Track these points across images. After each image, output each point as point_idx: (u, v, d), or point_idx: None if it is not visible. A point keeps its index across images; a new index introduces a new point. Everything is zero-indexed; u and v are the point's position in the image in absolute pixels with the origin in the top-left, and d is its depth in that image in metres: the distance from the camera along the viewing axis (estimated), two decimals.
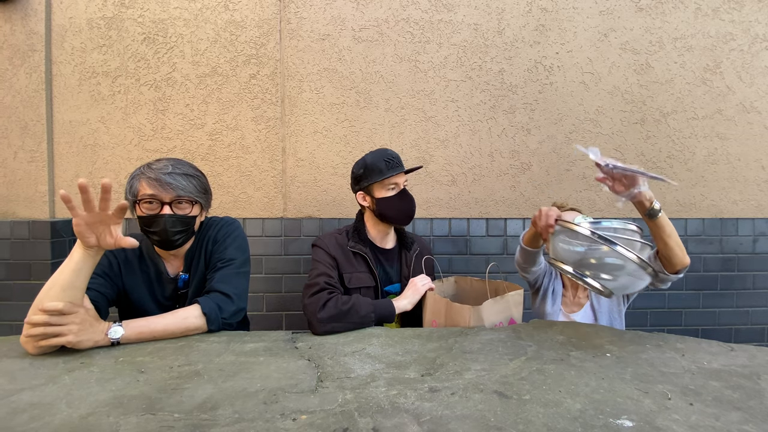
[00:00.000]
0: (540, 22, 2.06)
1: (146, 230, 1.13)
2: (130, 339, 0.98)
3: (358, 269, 1.34)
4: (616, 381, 0.77)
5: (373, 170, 1.34)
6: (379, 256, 1.41)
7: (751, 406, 0.68)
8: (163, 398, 0.71)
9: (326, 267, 1.29)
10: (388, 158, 1.35)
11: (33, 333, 0.88)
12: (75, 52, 1.97)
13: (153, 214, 1.11)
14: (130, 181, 1.13)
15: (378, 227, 1.42)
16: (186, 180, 1.14)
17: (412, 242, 1.49)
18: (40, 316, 0.87)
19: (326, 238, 1.37)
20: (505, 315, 1.21)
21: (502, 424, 0.62)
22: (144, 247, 1.20)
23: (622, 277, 0.94)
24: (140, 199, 1.10)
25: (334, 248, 1.34)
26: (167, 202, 1.11)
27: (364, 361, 0.88)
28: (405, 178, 1.39)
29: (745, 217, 2.16)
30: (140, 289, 1.17)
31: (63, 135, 1.99)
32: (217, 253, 1.20)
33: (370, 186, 1.36)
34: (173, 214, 1.12)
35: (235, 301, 1.11)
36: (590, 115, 2.09)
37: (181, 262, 1.22)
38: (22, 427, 0.63)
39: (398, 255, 1.46)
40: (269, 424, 0.63)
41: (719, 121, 2.13)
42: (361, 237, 1.38)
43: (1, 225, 1.89)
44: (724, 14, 2.10)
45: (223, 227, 1.25)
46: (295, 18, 2.00)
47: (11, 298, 1.88)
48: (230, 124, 2.00)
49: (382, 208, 1.35)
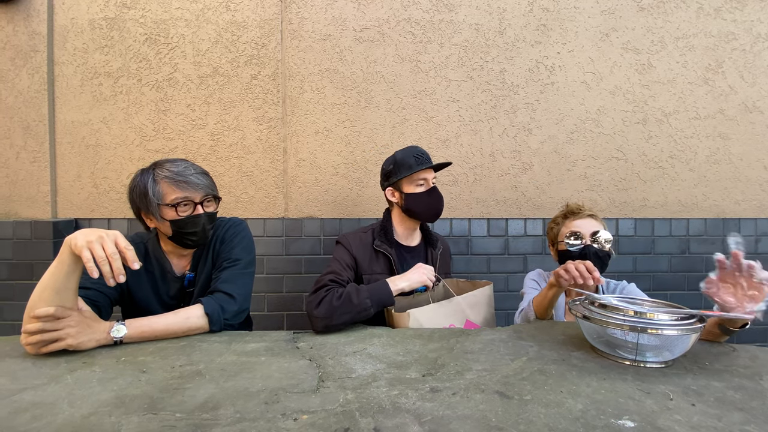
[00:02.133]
0: (541, 21, 2.05)
1: (181, 232, 1.12)
2: (133, 338, 0.98)
3: (377, 271, 1.34)
4: (618, 381, 0.76)
5: (403, 165, 1.36)
6: (405, 254, 1.42)
7: (753, 406, 0.68)
8: (164, 398, 0.71)
9: (340, 265, 1.28)
10: (417, 155, 1.37)
11: (31, 341, 0.87)
12: (77, 52, 1.98)
13: (191, 215, 1.11)
14: (149, 187, 1.09)
15: (405, 224, 1.42)
16: (206, 178, 1.16)
17: (437, 240, 1.50)
18: (34, 324, 0.86)
19: (350, 236, 1.38)
20: (458, 317, 1.19)
21: (504, 424, 0.62)
22: (150, 246, 1.20)
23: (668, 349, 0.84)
24: (175, 202, 1.09)
25: (357, 247, 1.34)
26: (198, 202, 1.12)
27: (366, 361, 0.88)
28: (434, 175, 1.39)
29: (747, 218, 2.15)
30: (144, 287, 1.17)
31: (65, 135, 1.99)
32: (223, 252, 1.20)
33: (399, 181, 1.37)
34: (207, 212, 1.13)
35: (238, 301, 1.11)
36: (592, 115, 2.09)
37: (188, 261, 1.23)
38: (24, 426, 0.63)
39: (424, 252, 1.47)
40: (270, 423, 0.63)
41: (721, 121, 2.12)
42: (387, 236, 1.39)
43: (4, 225, 1.89)
44: (726, 14, 2.10)
45: (231, 227, 1.26)
46: (296, 18, 2.00)
47: (13, 297, 1.88)
48: (232, 125, 2.00)
49: (410, 203, 1.36)
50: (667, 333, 0.80)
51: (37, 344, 0.87)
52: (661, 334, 0.80)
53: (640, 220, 2.12)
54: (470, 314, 1.21)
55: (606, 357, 0.88)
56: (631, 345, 0.83)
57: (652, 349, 0.83)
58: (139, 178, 1.12)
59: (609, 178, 2.11)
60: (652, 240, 2.11)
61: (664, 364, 0.84)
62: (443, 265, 1.48)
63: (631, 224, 2.11)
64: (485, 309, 1.25)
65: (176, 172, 1.10)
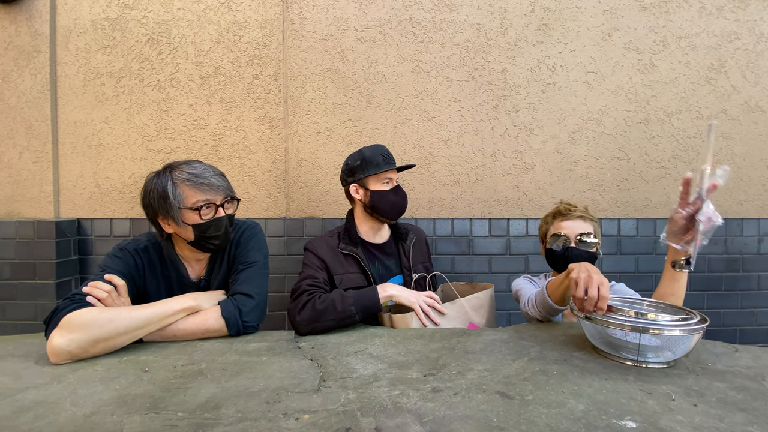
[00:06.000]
0: (543, 21, 2.05)
1: (203, 236, 1.09)
2: (154, 338, 1.00)
3: (349, 270, 1.34)
4: (620, 382, 0.76)
5: (371, 163, 1.35)
6: (375, 252, 1.42)
7: (755, 407, 0.67)
8: (166, 397, 0.72)
9: (313, 269, 1.29)
10: (384, 154, 1.38)
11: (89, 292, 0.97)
12: (79, 53, 1.98)
13: (214, 219, 1.09)
14: (169, 190, 1.06)
15: (369, 224, 1.42)
16: (224, 179, 1.14)
17: (407, 232, 1.49)
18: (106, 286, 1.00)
19: (316, 241, 1.38)
20: (461, 320, 1.19)
21: (505, 424, 0.62)
22: (165, 251, 1.18)
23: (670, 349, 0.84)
24: (197, 205, 1.07)
25: (324, 251, 1.34)
26: (219, 204, 1.10)
27: (367, 361, 0.88)
28: (398, 176, 1.41)
29: (749, 218, 2.14)
30: (160, 291, 1.16)
31: (68, 135, 2.00)
32: (239, 256, 1.20)
33: (365, 178, 1.36)
34: (228, 215, 1.12)
35: (256, 299, 1.11)
36: (594, 115, 2.08)
37: (204, 266, 1.22)
38: (27, 425, 0.63)
39: (395, 247, 1.47)
40: (272, 423, 0.63)
41: (724, 121, 2.11)
42: (351, 238, 1.38)
43: (6, 225, 1.90)
44: (729, 13, 2.09)
45: (246, 230, 1.25)
46: (297, 18, 2.00)
47: (16, 297, 1.89)
48: (233, 125, 2.01)
49: (376, 200, 1.36)
50: (668, 333, 0.80)
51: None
52: (662, 334, 0.80)
53: (643, 220, 2.11)
54: (473, 317, 1.21)
55: (608, 357, 0.88)
56: (632, 346, 0.83)
57: (654, 350, 0.83)
58: (156, 181, 1.09)
59: (611, 178, 2.10)
60: (654, 240, 2.11)
61: (666, 364, 0.84)
62: (418, 255, 1.47)
63: (633, 224, 2.11)
64: (487, 311, 1.25)
65: (196, 174, 1.07)
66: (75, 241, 1.99)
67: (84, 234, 2.01)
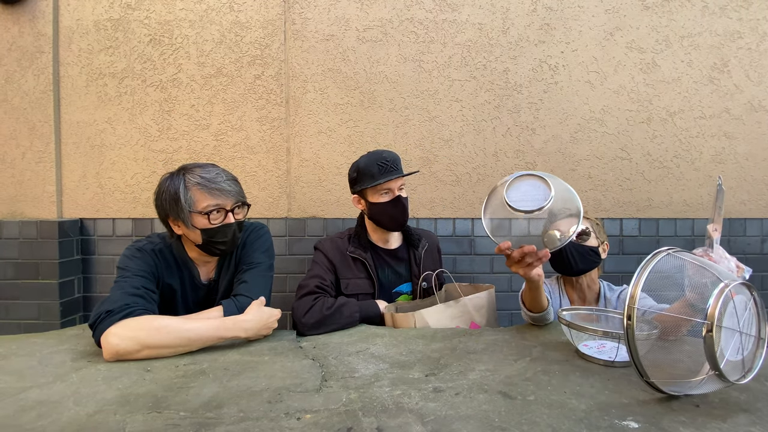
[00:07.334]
0: (545, 21, 2.05)
1: (211, 241, 1.09)
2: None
3: (357, 275, 1.33)
4: (622, 382, 0.76)
5: (366, 175, 1.31)
6: (386, 258, 1.40)
7: (758, 407, 0.67)
8: (169, 396, 0.72)
9: (322, 270, 1.29)
10: (382, 162, 1.30)
11: None
12: (82, 53, 1.99)
13: (223, 225, 1.08)
14: (180, 192, 1.06)
15: (377, 231, 1.41)
16: (236, 184, 1.13)
17: (419, 239, 1.45)
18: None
19: (327, 242, 1.38)
20: (463, 318, 1.19)
21: (507, 424, 0.62)
22: (176, 252, 1.17)
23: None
24: (207, 210, 1.06)
25: (333, 253, 1.34)
26: (229, 210, 1.10)
27: (368, 361, 0.88)
28: (402, 182, 1.34)
29: (753, 218, 2.13)
30: (173, 292, 1.17)
31: (70, 136, 2.01)
32: (245, 256, 1.20)
33: (363, 190, 1.34)
34: (238, 221, 1.12)
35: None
36: (596, 114, 2.08)
37: (213, 268, 1.22)
38: (30, 424, 0.63)
39: (406, 253, 1.44)
40: (274, 423, 0.63)
41: (727, 120, 2.11)
42: (361, 242, 1.37)
43: (10, 225, 1.91)
44: (732, 12, 2.08)
45: (253, 232, 1.26)
46: (299, 19, 2.01)
47: (19, 297, 1.90)
48: (235, 125, 2.01)
49: (374, 213, 1.34)
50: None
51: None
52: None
53: (645, 220, 2.11)
54: (475, 316, 1.21)
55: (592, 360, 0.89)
56: (604, 362, 0.86)
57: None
58: (169, 182, 1.09)
59: (613, 178, 2.10)
60: (656, 240, 2.10)
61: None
62: (430, 263, 1.44)
63: (635, 224, 2.10)
64: (488, 312, 1.25)
65: (208, 178, 1.07)
66: (78, 241, 1.99)
67: (87, 234, 2.02)
